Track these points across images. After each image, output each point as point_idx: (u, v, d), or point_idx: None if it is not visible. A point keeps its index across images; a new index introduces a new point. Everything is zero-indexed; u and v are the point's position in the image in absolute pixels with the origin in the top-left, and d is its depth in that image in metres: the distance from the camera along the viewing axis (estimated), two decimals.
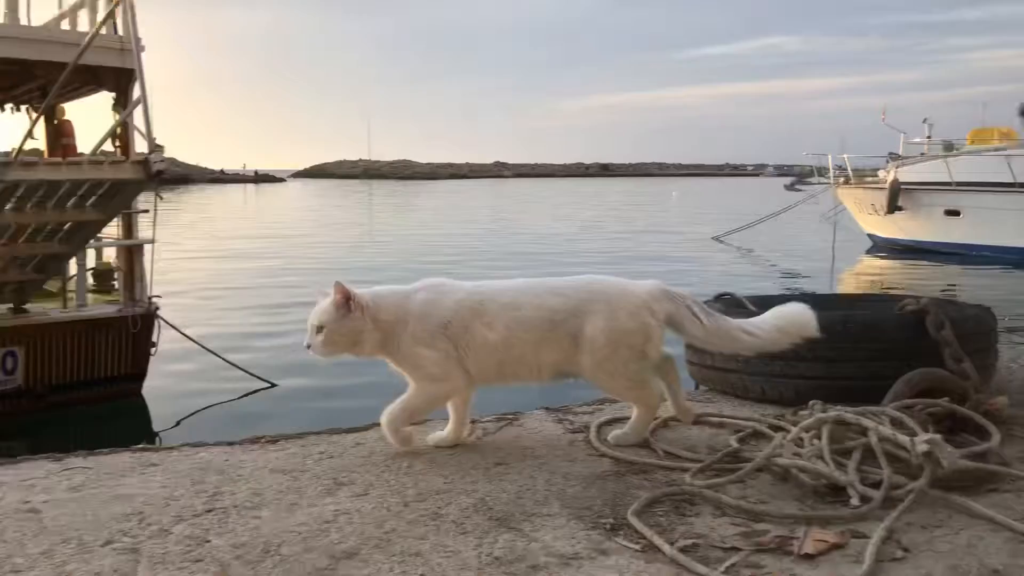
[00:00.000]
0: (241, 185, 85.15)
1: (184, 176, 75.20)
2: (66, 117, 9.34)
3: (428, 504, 2.10)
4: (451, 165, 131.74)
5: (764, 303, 3.51)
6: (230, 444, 2.58)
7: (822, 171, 25.29)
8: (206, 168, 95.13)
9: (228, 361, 8.78)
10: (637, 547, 1.86)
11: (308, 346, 2.46)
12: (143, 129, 6.26)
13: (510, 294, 2.55)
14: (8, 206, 5.73)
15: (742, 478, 2.22)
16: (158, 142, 5.86)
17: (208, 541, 1.88)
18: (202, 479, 2.27)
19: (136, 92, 7.85)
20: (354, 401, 8.07)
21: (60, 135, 9.23)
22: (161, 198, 6.23)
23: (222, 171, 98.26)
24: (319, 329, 2.43)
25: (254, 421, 7.71)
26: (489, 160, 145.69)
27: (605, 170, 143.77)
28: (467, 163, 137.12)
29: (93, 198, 6.07)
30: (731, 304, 3.44)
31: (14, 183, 5.38)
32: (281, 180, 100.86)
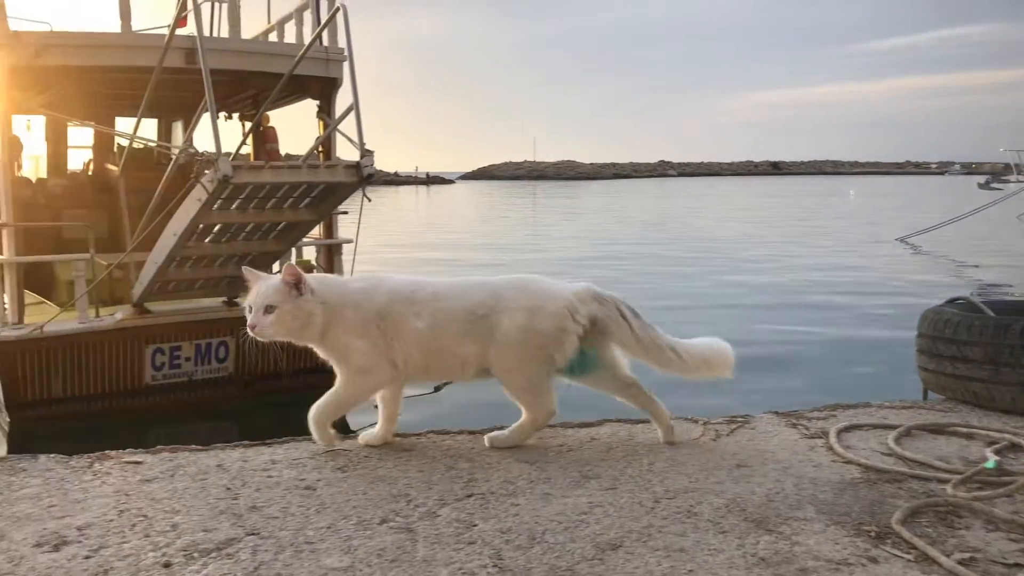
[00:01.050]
0: (413, 187, 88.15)
1: None
2: (270, 124, 10.02)
3: (679, 502, 2.11)
4: (614, 165, 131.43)
5: (1006, 309, 3.31)
6: (471, 433, 2.69)
7: (1021, 168, 23.46)
8: (381, 170, 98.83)
9: None
10: (909, 557, 1.80)
11: (253, 326, 2.45)
12: (351, 135, 6.59)
13: (439, 287, 2.60)
14: (233, 206, 6.18)
15: (1011, 492, 2.10)
16: (367, 147, 6.16)
17: (475, 525, 1.97)
18: (454, 465, 2.38)
19: (339, 99, 8.38)
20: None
21: (265, 141, 9.89)
22: (368, 199, 6.54)
23: (396, 173, 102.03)
24: (269, 309, 2.43)
25: (445, 414, 7.99)
26: (653, 159, 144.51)
27: (775, 168, 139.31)
28: (631, 162, 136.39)
29: (307, 200, 6.45)
30: (967, 309, 3.26)
31: (242, 185, 5.80)
32: (450, 182, 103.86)
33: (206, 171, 5.90)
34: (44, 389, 7.20)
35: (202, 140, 10.04)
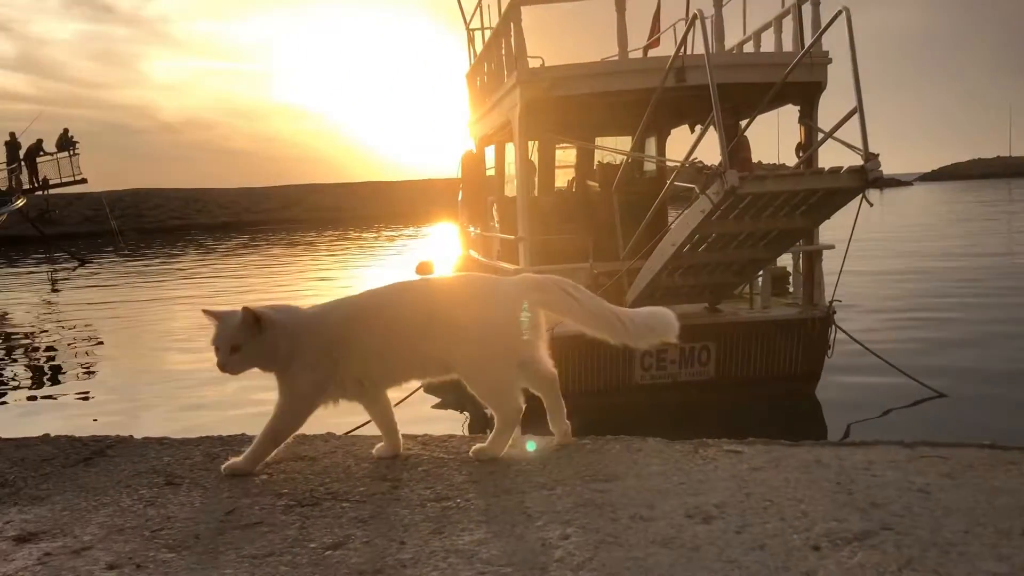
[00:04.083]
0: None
1: None
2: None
3: None
4: None
5: None
6: None
7: None
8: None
9: (897, 368, 8.64)
10: None
11: (223, 365, 2.51)
12: (845, 139, 6.48)
13: (386, 295, 2.67)
14: (732, 216, 6.40)
15: None
16: (872, 151, 5.99)
17: None
18: None
19: (817, 104, 8.24)
20: None
21: (737, 150, 10.06)
22: (871, 204, 6.35)
23: None
24: (236, 348, 2.49)
25: (925, 429, 7.49)
26: None
27: None
28: None
29: (803, 207, 6.46)
30: None
31: (743, 195, 5.99)
32: (907, 183, 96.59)
33: (707, 184, 6.20)
34: None
35: (676, 153, 10.53)
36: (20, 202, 26.76)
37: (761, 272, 8.42)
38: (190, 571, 1.92)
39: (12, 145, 26.82)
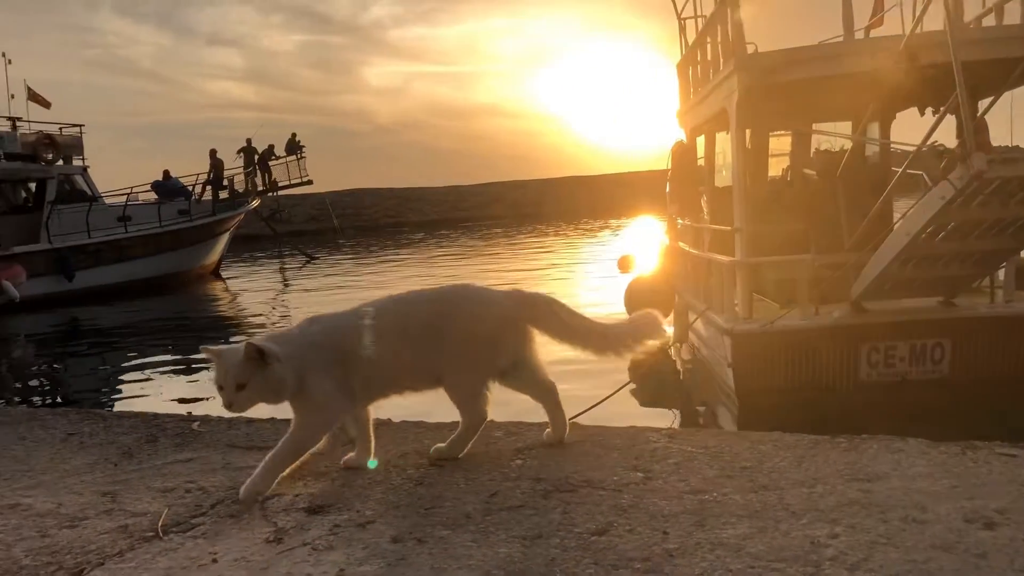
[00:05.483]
0: None
1: None
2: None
3: None
4: None
5: None
6: None
7: None
8: None
9: None
10: None
11: (230, 404, 2.46)
12: None
13: (390, 305, 2.71)
14: (975, 202, 5.95)
15: None
16: None
17: None
18: None
19: None
20: None
21: (976, 132, 9.30)
22: None
23: None
24: (241, 386, 2.43)
25: None
26: None
27: None
28: None
29: None
30: None
31: (990, 180, 5.56)
32: None
33: (948, 168, 5.80)
34: (769, 378, 7.83)
35: (903, 137, 9.89)
36: (255, 203, 29.12)
37: (1004, 263, 7.77)
38: (467, 548, 2.05)
39: (248, 151, 29.21)
